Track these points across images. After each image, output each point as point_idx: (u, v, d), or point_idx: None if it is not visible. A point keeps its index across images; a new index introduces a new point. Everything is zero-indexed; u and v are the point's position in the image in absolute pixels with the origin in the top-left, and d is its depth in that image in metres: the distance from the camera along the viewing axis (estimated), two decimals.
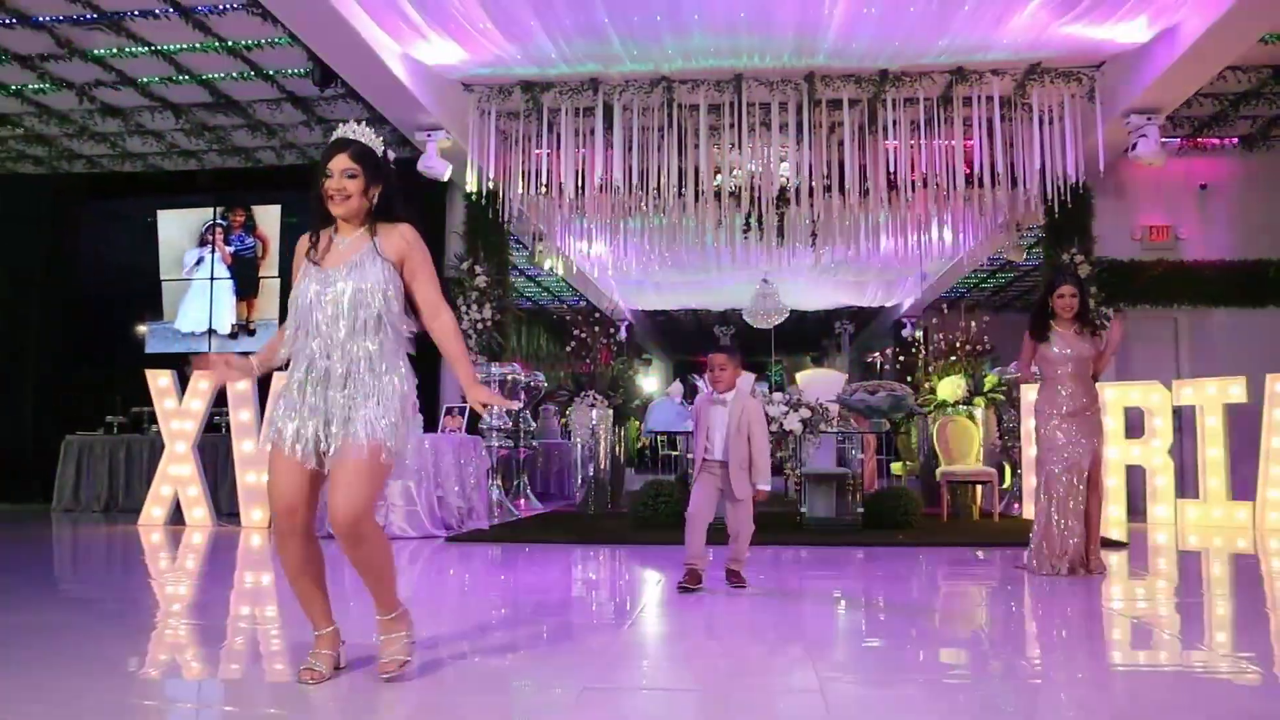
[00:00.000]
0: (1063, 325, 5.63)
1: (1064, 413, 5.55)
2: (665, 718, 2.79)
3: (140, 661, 3.44)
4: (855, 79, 9.17)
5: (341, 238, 3.10)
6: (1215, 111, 10.26)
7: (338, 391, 2.96)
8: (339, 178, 3.06)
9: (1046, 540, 5.55)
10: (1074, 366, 5.56)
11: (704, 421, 4.97)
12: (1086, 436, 5.54)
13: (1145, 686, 3.19)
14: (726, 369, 4.92)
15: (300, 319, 3.01)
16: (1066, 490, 5.52)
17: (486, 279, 10.80)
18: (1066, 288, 5.67)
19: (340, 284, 3.00)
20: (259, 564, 6.38)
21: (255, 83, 9.69)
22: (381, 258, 3.05)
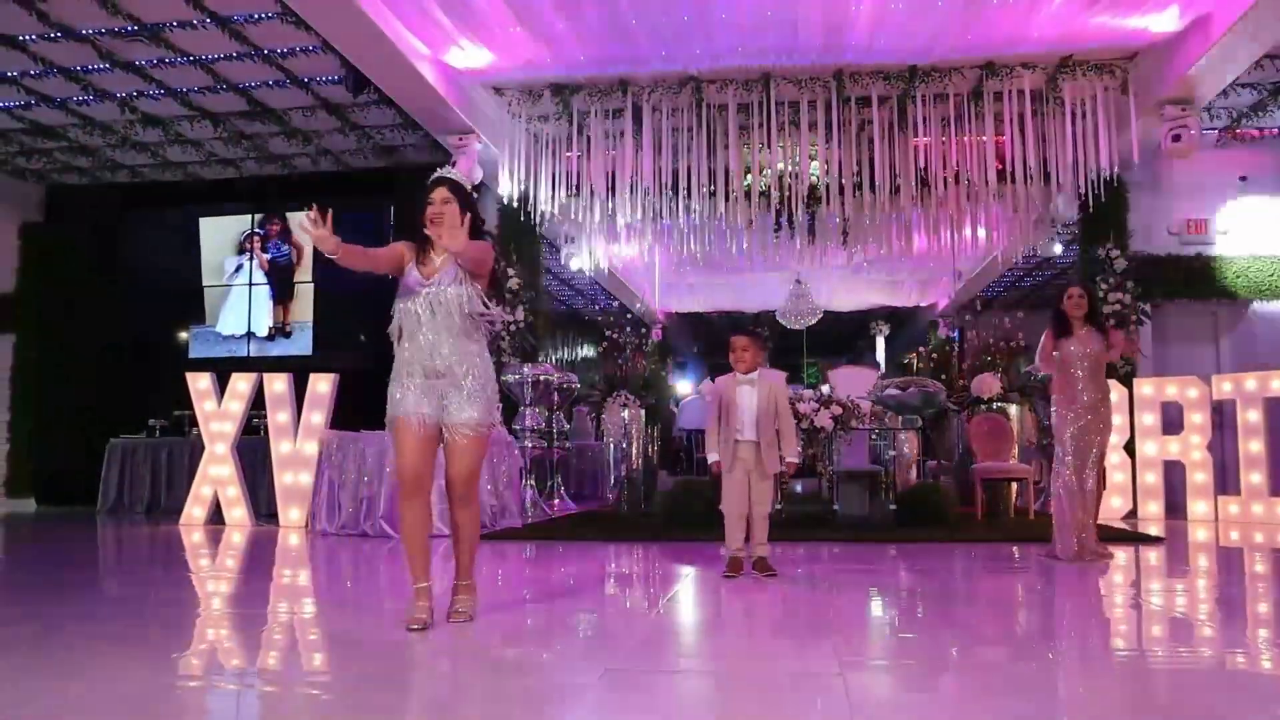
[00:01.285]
0: (1078, 326, 5.99)
1: (1079, 408, 5.91)
2: (680, 695, 2.82)
3: (178, 646, 3.53)
4: (884, 76, 9.16)
5: (438, 254, 3.76)
6: (1254, 101, 10.11)
7: (443, 379, 3.67)
8: (439, 204, 3.74)
9: (1079, 532, 5.85)
10: (1089, 364, 5.92)
11: (731, 402, 5.00)
12: (1097, 431, 5.90)
13: (1179, 681, 3.17)
14: (749, 350, 5.07)
15: (407, 318, 3.73)
16: (1080, 481, 5.87)
17: (519, 281, 10.89)
18: (1074, 289, 6.09)
19: (439, 290, 3.68)
20: (297, 562, 6.48)
21: (290, 90, 9.85)
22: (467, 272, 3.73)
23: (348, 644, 3.65)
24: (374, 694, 2.82)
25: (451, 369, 3.68)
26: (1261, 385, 8.85)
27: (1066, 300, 6.02)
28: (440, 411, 3.68)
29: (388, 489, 7.76)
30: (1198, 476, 9.09)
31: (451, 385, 3.69)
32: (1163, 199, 10.87)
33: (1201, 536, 7.69)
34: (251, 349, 12.49)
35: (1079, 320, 5.98)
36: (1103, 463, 6.02)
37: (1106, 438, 6.02)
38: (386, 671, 3.12)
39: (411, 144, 11.33)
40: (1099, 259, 10.40)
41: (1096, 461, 5.92)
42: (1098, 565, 5.74)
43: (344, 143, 11.34)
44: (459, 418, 3.67)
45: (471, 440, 3.71)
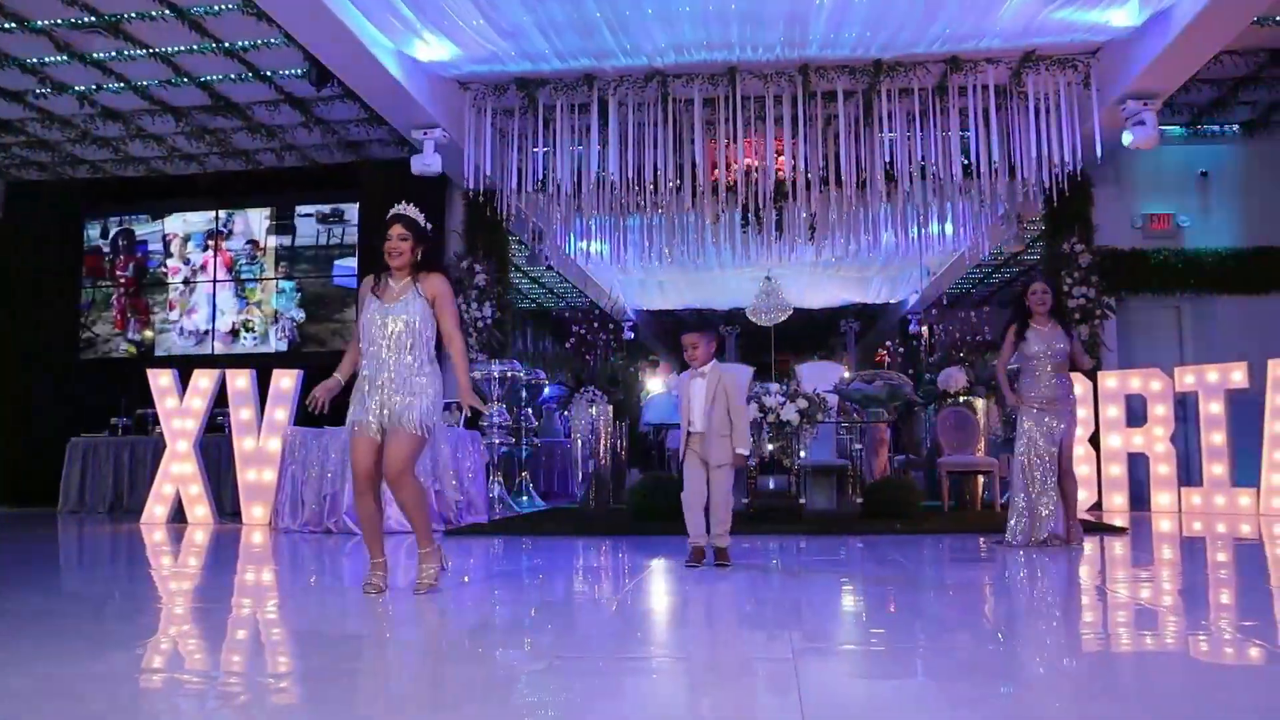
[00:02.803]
0: (1039, 321, 6.07)
1: (1042, 402, 6.01)
2: (628, 682, 2.79)
3: (131, 644, 3.46)
4: (849, 70, 9.17)
5: (396, 281, 4.37)
6: (1215, 97, 10.21)
7: (389, 391, 4.24)
8: (395, 240, 4.36)
9: (1022, 517, 6.02)
10: (1052, 359, 6.00)
11: (686, 396, 5.09)
12: (1058, 424, 5.98)
13: (1140, 668, 3.18)
14: (699, 346, 5.18)
15: (366, 337, 4.30)
16: (1040, 472, 5.97)
17: (486, 277, 10.83)
18: (1039, 284, 6.19)
19: (393, 315, 4.28)
20: (257, 559, 6.40)
21: (253, 84, 9.75)
22: (422, 298, 4.31)
23: (306, 638, 3.62)
24: (327, 685, 2.79)
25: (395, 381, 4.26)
26: (1223, 377, 8.93)
27: (1030, 296, 6.10)
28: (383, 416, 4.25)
29: (350, 486, 7.67)
30: (1161, 468, 9.15)
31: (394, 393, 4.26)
32: (1126, 193, 10.95)
33: (1165, 527, 7.74)
34: (215, 348, 12.35)
35: (1043, 315, 6.04)
36: (1069, 457, 6.08)
37: (1072, 431, 6.09)
38: (339, 661, 3.09)
39: (377, 139, 11.24)
40: (1064, 253, 10.47)
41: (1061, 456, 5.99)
42: (1065, 552, 5.78)
43: (309, 138, 11.24)
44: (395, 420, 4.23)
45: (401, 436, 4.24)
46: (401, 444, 4.22)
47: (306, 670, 3.05)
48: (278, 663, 3.24)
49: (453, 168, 10.17)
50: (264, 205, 12.53)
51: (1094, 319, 10.37)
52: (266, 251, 12.45)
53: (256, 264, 12.47)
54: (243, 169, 12.22)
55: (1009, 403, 6.27)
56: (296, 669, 3.10)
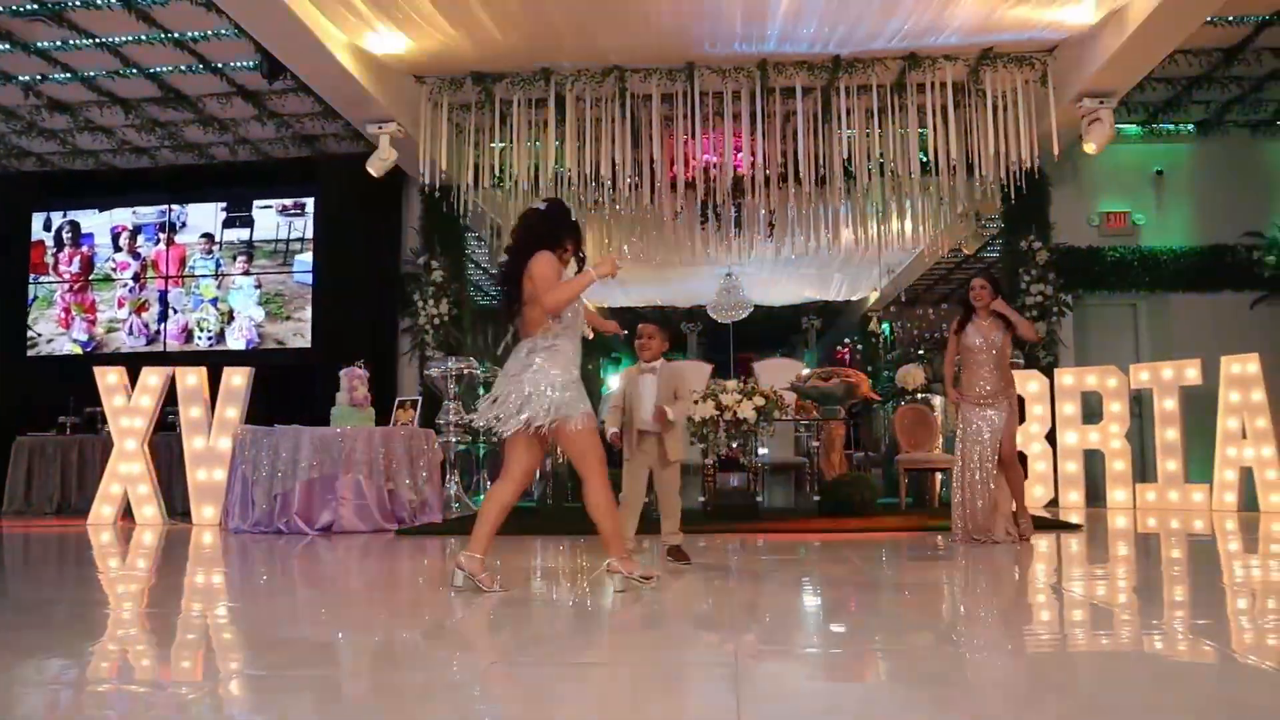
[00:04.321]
0: (981, 317, 6.14)
1: (980, 397, 6.09)
2: (562, 689, 2.72)
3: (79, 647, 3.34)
4: (808, 66, 9.13)
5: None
6: (1169, 96, 10.30)
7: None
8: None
9: (965, 513, 6.10)
10: (990, 355, 6.08)
11: (634, 393, 4.93)
12: (995, 419, 6.05)
13: (1093, 664, 3.15)
14: (655, 338, 5.04)
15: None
16: (980, 467, 6.05)
17: (443, 273, 10.72)
18: (977, 280, 6.28)
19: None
20: (210, 561, 6.25)
21: (204, 76, 9.58)
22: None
23: (255, 641, 3.52)
24: (259, 688, 2.72)
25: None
26: (1177, 374, 8.99)
27: (970, 292, 6.20)
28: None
29: (301, 485, 7.56)
30: (1117, 465, 9.21)
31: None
32: (1083, 191, 11.03)
33: (1121, 523, 7.78)
34: (168, 345, 12.12)
35: (983, 310, 6.11)
36: (1011, 451, 6.12)
37: (1011, 425, 6.11)
38: (274, 665, 3.00)
39: (333, 133, 11.08)
40: (1021, 251, 10.53)
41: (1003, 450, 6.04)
42: (1017, 550, 5.79)
43: (263, 131, 11.07)
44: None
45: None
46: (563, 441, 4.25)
47: (255, 674, 2.94)
48: (228, 667, 3.14)
49: (409, 163, 10.04)
50: (219, 200, 12.30)
51: (1051, 316, 10.43)
52: (222, 246, 12.22)
53: (211, 258, 12.24)
54: (195, 163, 12.01)
55: (949, 398, 6.35)
56: (245, 673, 3.00)
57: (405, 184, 11.14)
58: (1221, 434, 8.66)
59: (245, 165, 11.94)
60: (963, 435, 6.14)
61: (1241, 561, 5.59)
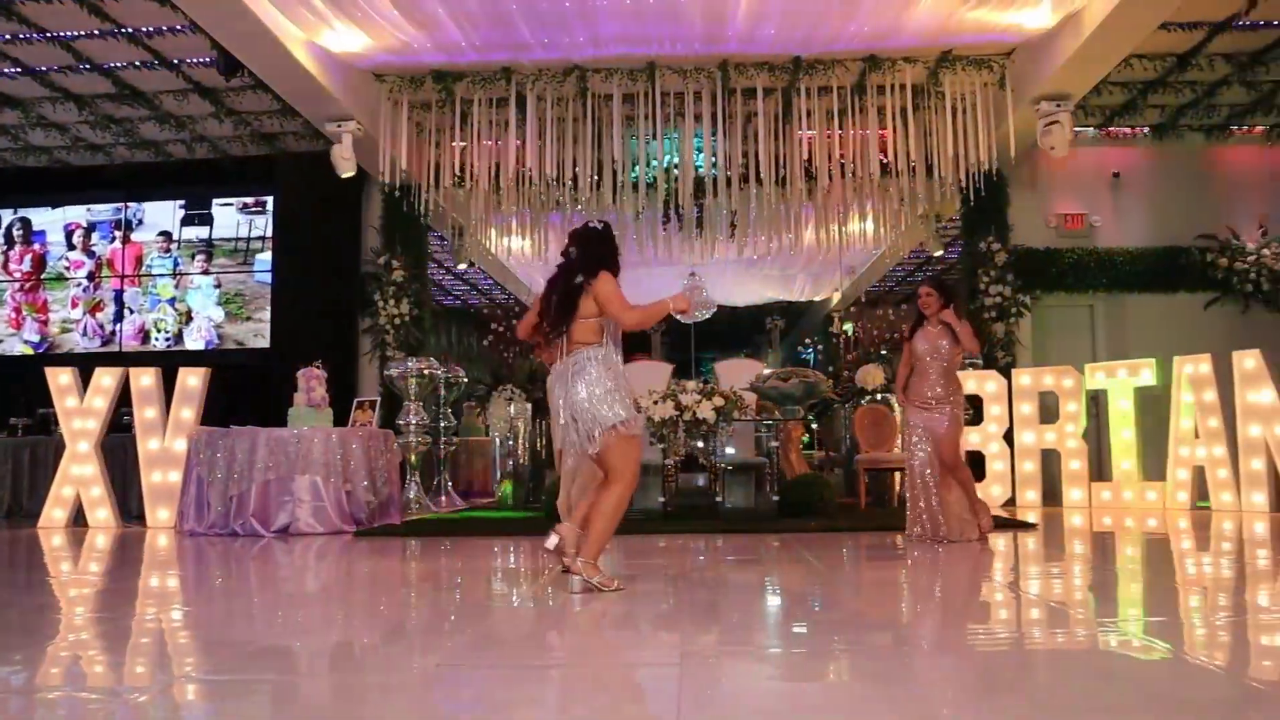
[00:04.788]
0: (931, 324, 6.17)
1: (926, 402, 6.14)
2: (507, 691, 2.70)
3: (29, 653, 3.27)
4: (769, 67, 9.16)
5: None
6: (1125, 100, 10.42)
7: None
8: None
9: (918, 514, 6.16)
10: (937, 361, 6.13)
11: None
12: (942, 424, 6.09)
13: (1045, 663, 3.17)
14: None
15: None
16: (928, 471, 6.11)
17: (404, 273, 10.65)
18: (923, 288, 6.29)
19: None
20: (165, 564, 6.16)
21: (160, 72, 9.45)
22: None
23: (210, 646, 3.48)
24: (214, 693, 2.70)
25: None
26: (1132, 374, 9.10)
27: (918, 300, 6.25)
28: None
29: (257, 487, 7.48)
30: (1073, 464, 9.31)
31: None
32: (1041, 193, 11.16)
33: (1077, 522, 7.86)
34: (124, 346, 11.94)
35: (933, 317, 6.14)
36: (953, 455, 6.18)
37: (954, 431, 6.16)
38: (228, 669, 2.97)
39: (293, 131, 10.98)
40: (980, 252, 10.62)
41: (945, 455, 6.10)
42: (971, 549, 5.83)
43: (221, 129, 10.94)
44: None
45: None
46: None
47: (210, 679, 2.90)
48: (182, 671, 3.08)
49: (369, 161, 9.96)
50: (176, 198, 12.14)
51: (1009, 317, 10.53)
52: (180, 244, 12.06)
53: (169, 257, 12.07)
54: (152, 160, 11.84)
55: (898, 403, 6.40)
56: (200, 677, 2.95)
57: (366, 183, 11.04)
58: (1175, 433, 8.77)
59: (203, 163, 11.80)
60: (908, 438, 6.24)
61: (1194, 559, 5.66)
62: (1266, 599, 4.17)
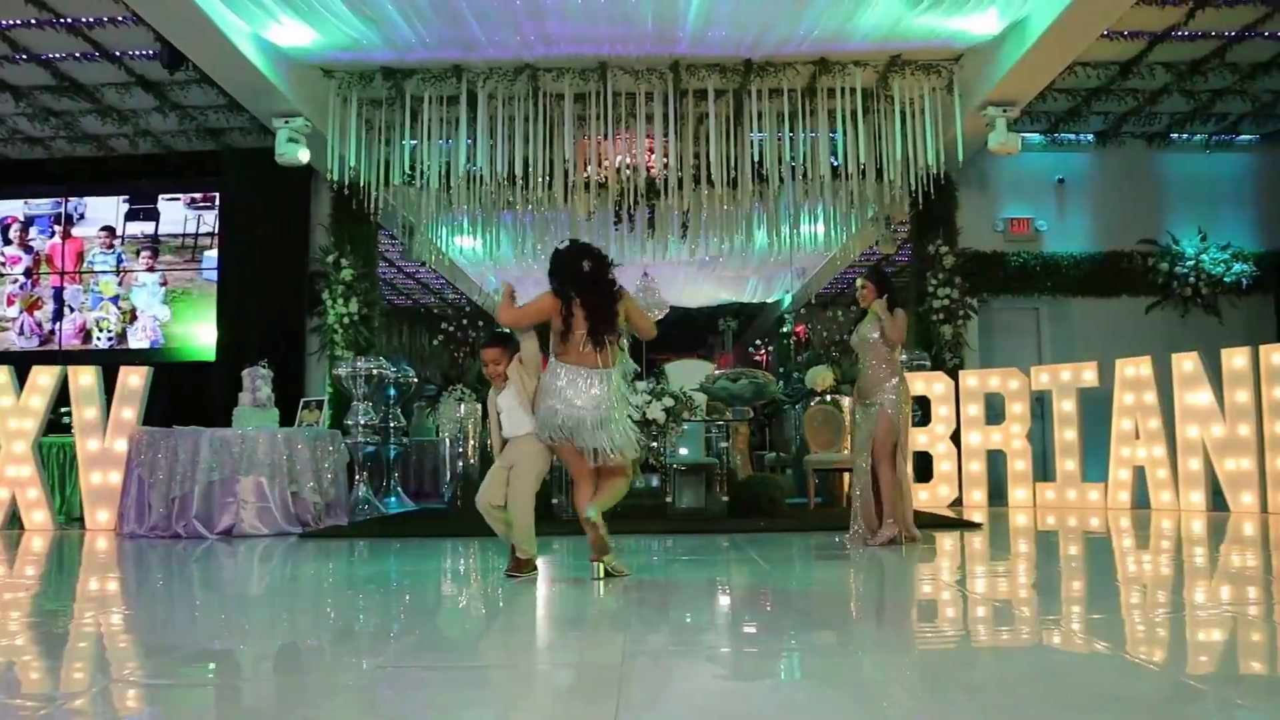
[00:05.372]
0: (871, 316, 6.11)
1: (863, 396, 6.15)
2: (451, 693, 2.67)
3: None
4: (720, 69, 9.17)
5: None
6: (1070, 107, 10.60)
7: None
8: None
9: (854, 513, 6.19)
10: (868, 353, 6.11)
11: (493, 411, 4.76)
12: (872, 419, 6.04)
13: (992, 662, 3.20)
14: (501, 363, 4.72)
15: None
16: (864, 469, 6.11)
17: (353, 272, 10.53)
18: (859, 280, 6.23)
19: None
20: (104, 567, 6.01)
21: (101, 64, 9.24)
22: None
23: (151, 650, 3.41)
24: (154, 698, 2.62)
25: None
26: (1075, 376, 9.25)
27: (857, 293, 6.24)
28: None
29: (200, 488, 7.35)
30: (1018, 464, 9.45)
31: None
32: (988, 197, 11.32)
33: (1021, 521, 7.97)
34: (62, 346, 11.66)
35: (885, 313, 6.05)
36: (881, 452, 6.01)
37: (884, 426, 5.97)
38: (169, 673, 2.92)
39: (239, 126, 10.80)
40: (929, 255, 10.74)
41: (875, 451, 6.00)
42: (917, 550, 5.87)
43: (165, 123, 10.73)
44: None
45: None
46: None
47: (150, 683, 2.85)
48: (122, 675, 3.01)
49: (318, 158, 9.83)
50: (120, 193, 11.89)
51: (957, 319, 10.67)
52: (124, 240, 11.81)
53: (113, 254, 11.82)
54: (94, 154, 11.58)
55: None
56: (140, 682, 2.88)
57: (314, 180, 10.90)
58: (1116, 434, 8.93)
59: (147, 158, 11.55)
60: (856, 438, 6.24)
61: (1134, 558, 5.76)
62: (1203, 596, 4.26)
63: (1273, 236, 11.50)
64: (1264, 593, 4.27)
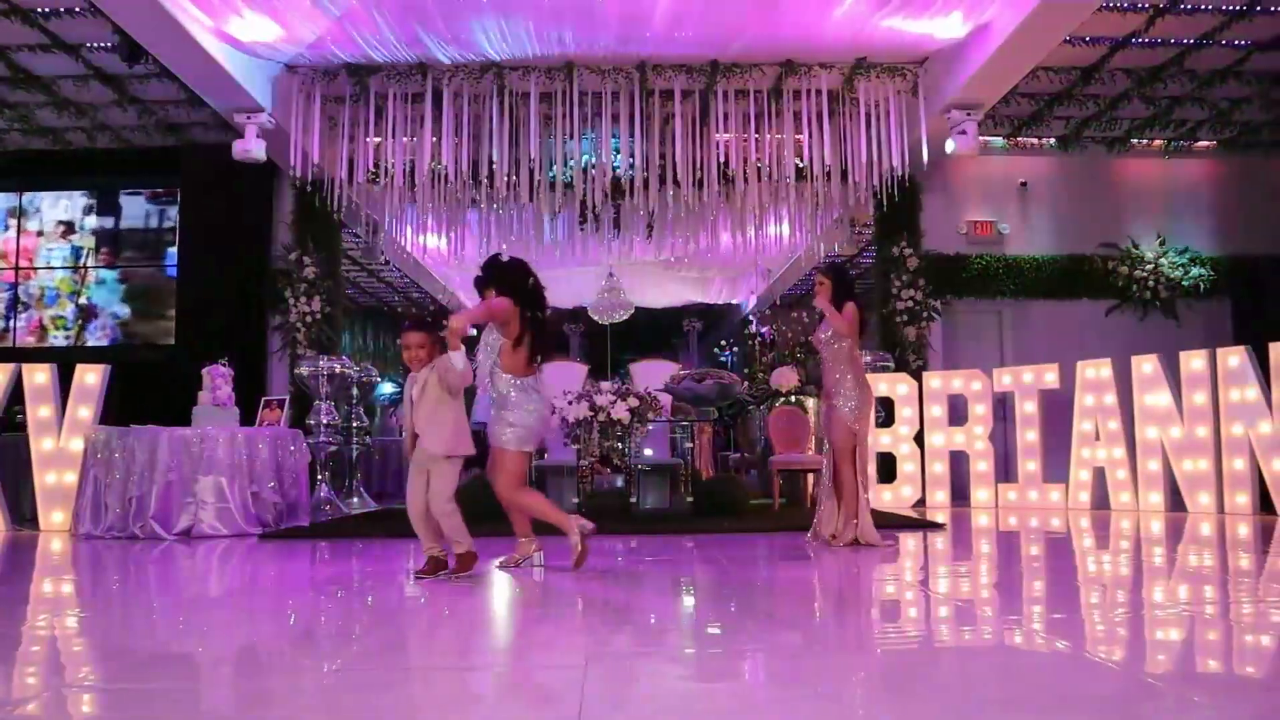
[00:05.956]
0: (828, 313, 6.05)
1: (825, 396, 6.12)
2: (412, 696, 2.64)
3: None
4: (686, 69, 9.18)
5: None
6: (1033, 111, 10.70)
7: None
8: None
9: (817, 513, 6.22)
10: (826, 353, 6.08)
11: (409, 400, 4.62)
12: (828, 420, 6.05)
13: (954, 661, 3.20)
14: (425, 347, 4.60)
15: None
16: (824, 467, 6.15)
17: (316, 271, 10.42)
18: (817, 276, 6.14)
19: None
20: (59, 569, 5.90)
21: (58, 56, 9.07)
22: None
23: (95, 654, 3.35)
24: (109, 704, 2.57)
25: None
26: (1037, 378, 9.34)
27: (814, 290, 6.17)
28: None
29: (158, 488, 7.23)
30: (980, 465, 9.52)
31: None
32: (952, 200, 11.40)
33: (983, 522, 8.03)
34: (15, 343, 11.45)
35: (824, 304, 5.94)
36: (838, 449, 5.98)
37: (838, 427, 5.95)
38: (124, 678, 2.87)
39: (200, 121, 10.64)
40: (893, 257, 10.81)
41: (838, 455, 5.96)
42: (879, 551, 5.86)
43: (124, 117, 10.55)
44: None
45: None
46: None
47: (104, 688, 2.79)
48: (76, 680, 2.94)
49: (281, 155, 9.72)
50: (77, 189, 11.69)
51: (920, 321, 10.74)
52: (83, 235, 11.60)
53: (67, 246, 11.61)
54: (50, 148, 11.37)
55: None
56: (95, 687, 2.82)
57: (277, 176, 10.78)
58: (1077, 436, 9.03)
59: (106, 153, 11.36)
60: (820, 433, 6.25)
61: (1094, 558, 5.82)
62: (1161, 596, 4.30)
63: (1229, 241, 11.68)
64: (1220, 592, 4.33)
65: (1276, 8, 8.52)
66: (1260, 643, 3.29)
